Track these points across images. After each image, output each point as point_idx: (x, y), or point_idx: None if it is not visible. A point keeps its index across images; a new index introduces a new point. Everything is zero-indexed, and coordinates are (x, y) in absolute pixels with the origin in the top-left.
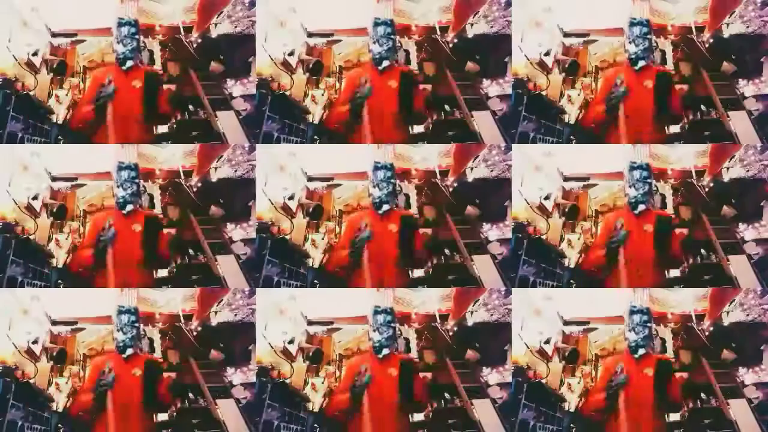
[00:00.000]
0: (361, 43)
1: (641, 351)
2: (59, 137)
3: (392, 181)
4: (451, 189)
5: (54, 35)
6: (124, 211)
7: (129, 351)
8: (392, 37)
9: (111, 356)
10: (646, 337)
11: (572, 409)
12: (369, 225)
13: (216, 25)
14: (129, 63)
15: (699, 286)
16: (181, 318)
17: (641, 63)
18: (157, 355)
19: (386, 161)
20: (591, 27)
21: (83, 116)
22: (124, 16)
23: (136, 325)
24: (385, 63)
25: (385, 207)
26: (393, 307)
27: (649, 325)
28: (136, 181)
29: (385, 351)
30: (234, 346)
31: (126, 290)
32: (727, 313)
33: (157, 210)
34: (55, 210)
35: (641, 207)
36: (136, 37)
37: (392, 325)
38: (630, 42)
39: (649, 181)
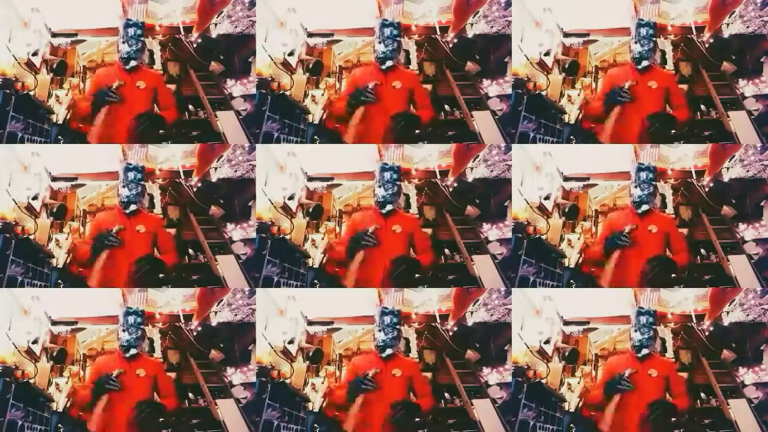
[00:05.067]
0: (361, 43)
1: (644, 351)
2: (59, 137)
3: (397, 183)
4: (451, 189)
5: (54, 35)
6: (126, 211)
7: (132, 351)
8: (398, 39)
9: (114, 356)
10: (650, 338)
11: (572, 409)
12: (374, 225)
13: (216, 25)
14: (132, 63)
15: (699, 286)
16: (181, 318)
17: (644, 63)
18: (157, 355)
19: (394, 163)
20: (591, 27)
21: (81, 112)
22: (133, 17)
23: (141, 327)
24: (389, 63)
25: (389, 207)
26: (401, 309)
27: (654, 327)
28: (141, 183)
29: (389, 351)
30: (234, 346)
31: (135, 291)
32: (727, 313)
33: (157, 210)
34: (55, 210)
35: (644, 207)
36: (141, 38)
37: (397, 326)
38: (635, 42)
39: (654, 183)
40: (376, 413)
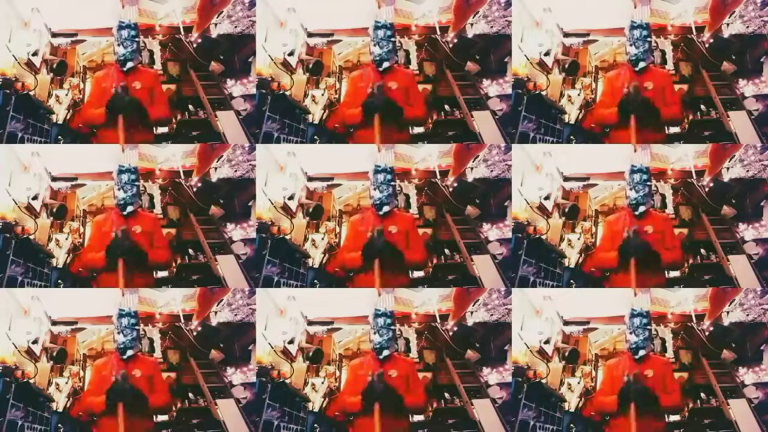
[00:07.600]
0: (361, 43)
1: (641, 353)
2: (59, 137)
3: (392, 183)
4: (451, 189)
5: (54, 35)
6: (124, 213)
7: (129, 352)
8: (392, 39)
9: (112, 359)
10: (645, 339)
11: (572, 409)
12: (375, 227)
13: (216, 25)
14: (129, 64)
15: (699, 286)
16: (181, 318)
17: (641, 64)
18: (157, 355)
19: (387, 164)
20: (591, 27)
21: (90, 119)
22: (125, 19)
23: (136, 327)
24: (386, 64)
25: (386, 209)
26: (393, 309)
27: (648, 327)
28: (136, 183)
29: (386, 352)
30: (234, 346)
31: (127, 292)
32: (727, 313)
33: (157, 210)
34: (55, 210)
35: (642, 209)
36: (136, 39)
37: (392, 327)
38: (631, 44)
39: (648, 183)
40: (378, 411)
